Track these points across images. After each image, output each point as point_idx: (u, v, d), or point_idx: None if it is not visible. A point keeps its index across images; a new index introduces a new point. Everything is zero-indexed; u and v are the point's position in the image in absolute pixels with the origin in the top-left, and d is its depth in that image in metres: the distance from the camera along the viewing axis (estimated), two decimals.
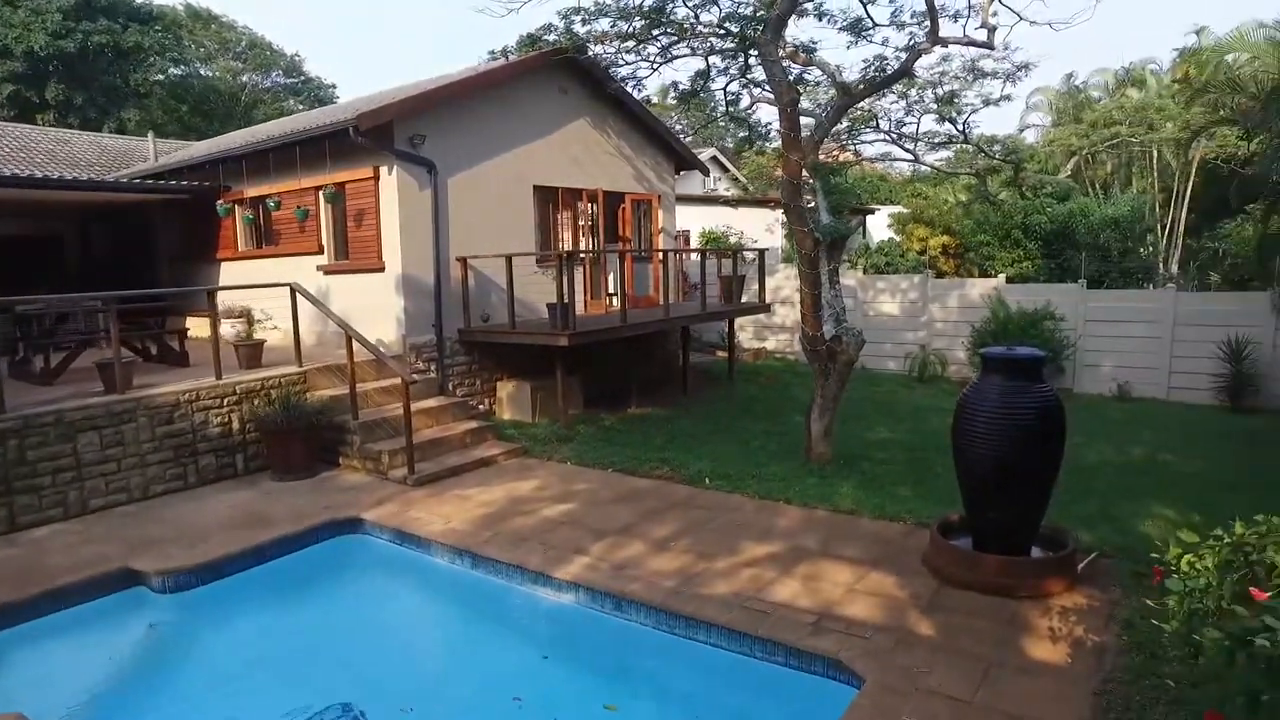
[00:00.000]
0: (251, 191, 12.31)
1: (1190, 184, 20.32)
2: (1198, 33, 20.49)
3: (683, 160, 15.28)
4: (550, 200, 12.77)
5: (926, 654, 4.56)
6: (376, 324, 10.85)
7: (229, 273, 12.97)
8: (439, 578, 6.63)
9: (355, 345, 9.03)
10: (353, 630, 5.96)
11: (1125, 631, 4.76)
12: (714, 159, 25.44)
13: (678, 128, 28.25)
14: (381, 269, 10.87)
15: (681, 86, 13.83)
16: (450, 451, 9.26)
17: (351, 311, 11.03)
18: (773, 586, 5.47)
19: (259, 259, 12.57)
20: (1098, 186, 21.96)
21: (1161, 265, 18.33)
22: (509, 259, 10.71)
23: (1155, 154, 21.24)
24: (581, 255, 13.07)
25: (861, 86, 10.72)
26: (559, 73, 12.57)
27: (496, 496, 7.78)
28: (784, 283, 17.63)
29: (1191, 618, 2.38)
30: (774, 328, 18.08)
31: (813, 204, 10.19)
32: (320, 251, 11.71)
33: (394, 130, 10.40)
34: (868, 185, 26.58)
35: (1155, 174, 21.61)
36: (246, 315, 10.08)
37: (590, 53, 12.42)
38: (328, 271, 11.61)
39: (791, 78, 13.19)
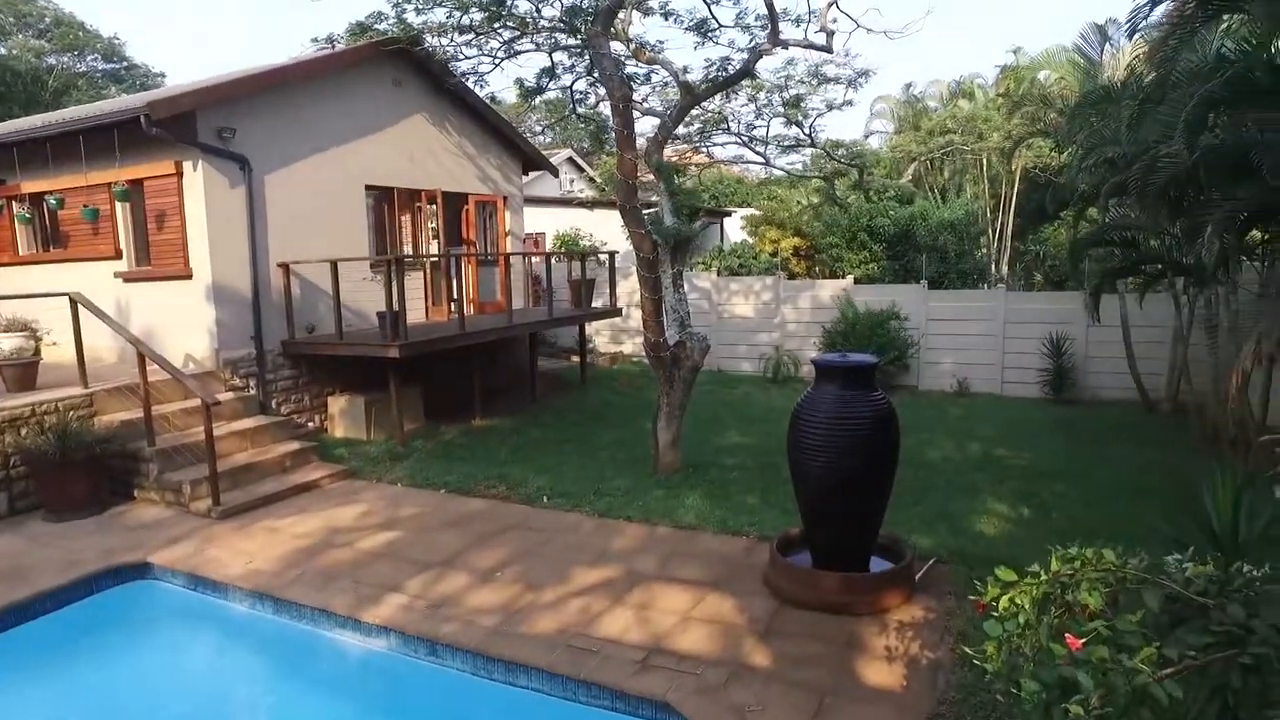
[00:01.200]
0: (29, 187, 10.80)
1: (1015, 191, 21.62)
2: (1014, 52, 21.87)
3: (531, 160, 14.74)
4: (386, 201, 11.93)
5: (760, 688, 4.26)
6: (186, 337, 9.74)
7: (7, 279, 11.35)
8: (236, 627, 5.82)
9: (151, 362, 7.97)
10: (131, 698, 5.10)
11: (960, 643, 4.63)
12: (570, 160, 25.00)
13: (537, 129, 27.78)
14: (189, 276, 9.73)
15: (527, 84, 13.33)
16: (266, 478, 8.34)
17: (157, 324, 9.88)
18: (603, 619, 5.05)
19: (45, 264, 11.06)
20: (936, 191, 23.03)
21: (993, 267, 19.34)
22: (334, 264, 9.86)
23: (985, 162, 22.48)
24: (418, 260, 12.28)
25: (705, 86, 10.53)
26: (392, 65, 11.76)
27: (313, 527, 6.99)
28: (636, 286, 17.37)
29: (1012, 661, 2.10)
30: (631, 331, 17.80)
31: (658, 205, 9.92)
32: (118, 256, 10.39)
33: (197, 121, 9.32)
34: (724, 188, 26.87)
35: (986, 181, 22.87)
36: (29, 329, 8.76)
37: (426, 45, 11.69)
38: (128, 279, 10.33)
39: (638, 77, 12.97)
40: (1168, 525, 6.96)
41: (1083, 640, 1.97)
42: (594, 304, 14.86)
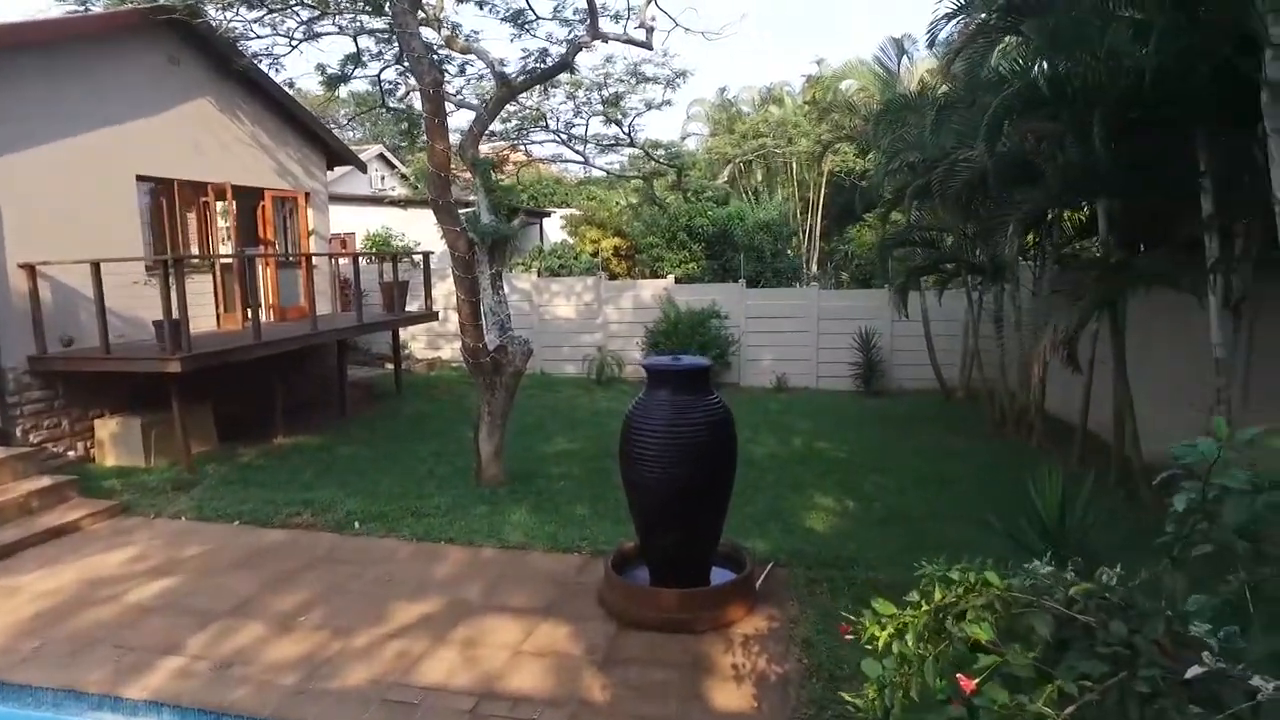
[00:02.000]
0: None
1: (822, 194, 22.75)
2: (819, 63, 23.12)
3: (336, 155, 13.61)
4: (165, 194, 10.51)
5: None
6: None
7: None
8: None
9: None
10: None
11: (806, 653, 4.50)
12: (381, 157, 23.62)
13: (344, 123, 26.03)
14: None
15: (331, 70, 12.29)
16: (4, 524, 6.98)
17: None
18: (425, 662, 4.49)
19: None
20: (750, 193, 23.79)
21: (805, 266, 20.20)
22: (95, 266, 8.51)
23: (794, 165, 23.51)
24: (204, 261, 10.95)
25: (522, 79, 10.07)
26: (167, 39, 10.37)
27: (64, 581, 5.85)
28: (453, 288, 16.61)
29: (893, 711, 1.84)
30: (449, 336, 16.96)
31: (475, 203, 9.35)
32: None
33: None
34: (543, 188, 26.44)
35: (795, 184, 23.92)
36: None
37: (208, 19, 10.41)
38: None
39: (451, 66, 12.27)
40: (985, 511, 7.37)
41: (975, 680, 1.74)
42: (409, 308, 13.97)
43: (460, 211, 9.36)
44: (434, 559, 6.10)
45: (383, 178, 22.95)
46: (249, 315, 11.22)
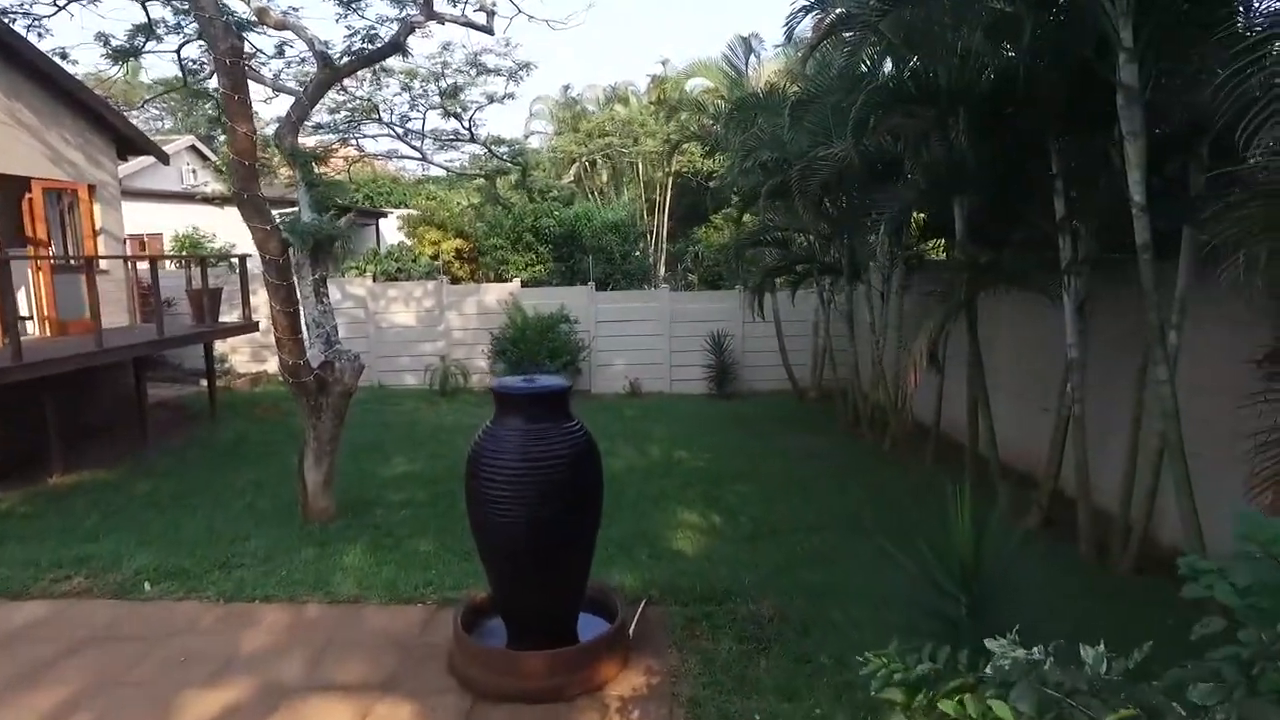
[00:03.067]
0: None
1: (669, 194, 22.61)
2: (663, 63, 22.97)
3: (130, 142, 11.84)
4: None
5: None
6: None
7: None
8: None
9: None
10: None
11: (692, 714, 3.93)
12: (193, 149, 21.24)
13: (140, 104, 23.32)
14: None
15: (116, 42, 10.59)
16: None
17: None
18: None
19: None
20: (596, 194, 23.31)
21: (654, 268, 19.94)
22: None
23: (641, 166, 23.24)
24: None
25: (347, 61, 8.99)
26: None
27: None
28: None
29: None
30: (273, 347, 15.37)
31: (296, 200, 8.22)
32: None
33: None
34: (379, 187, 24.83)
35: (642, 185, 23.66)
36: None
37: None
38: None
39: (269, 47, 10.89)
40: (850, 517, 7.16)
41: None
42: (229, 318, 12.42)
43: (282, 212, 8.26)
44: (246, 624, 5.07)
45: (194, 172, 20.63)
46: (23, 329, 9.51)
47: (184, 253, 15.65)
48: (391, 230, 21.57)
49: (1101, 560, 6.52)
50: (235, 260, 12.28)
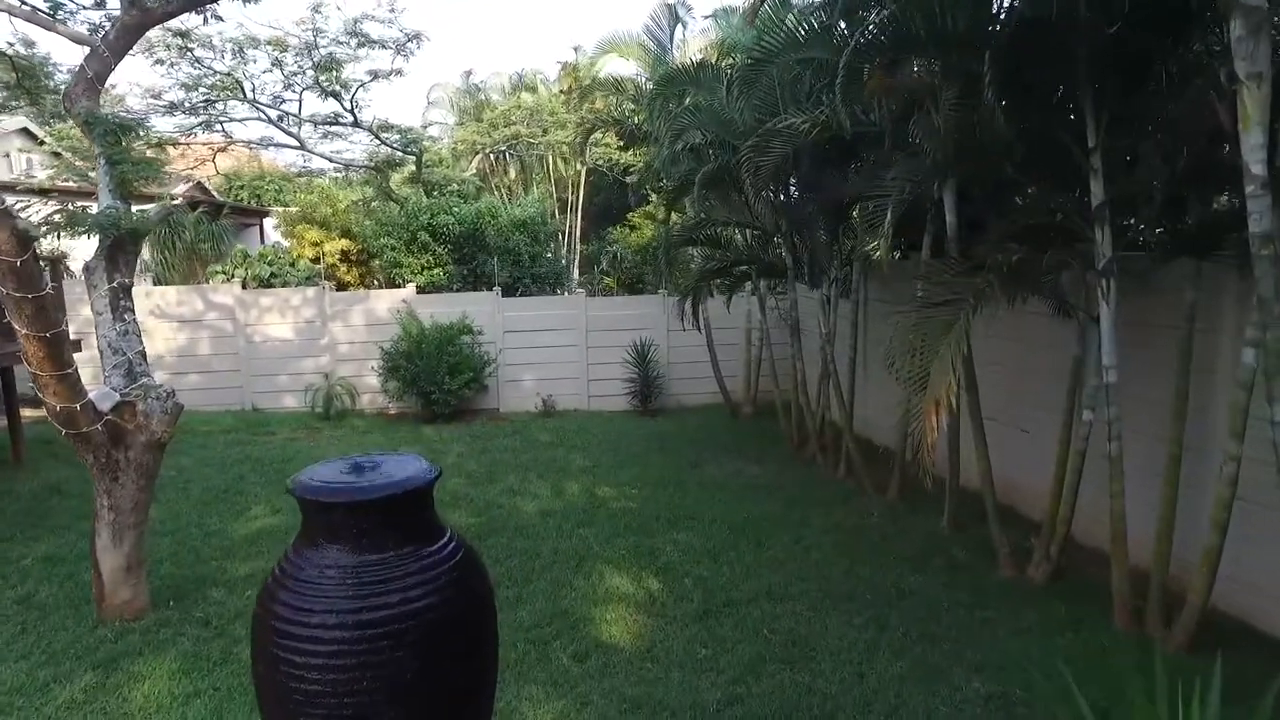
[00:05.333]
0: None
1: (582, 191, 20.94)
2: (575, 49, 21.27)
3: None
4: None
5: None
6: None
7: None
8: None
9: None
10: None
11: None
12: (26, 131, 18.33)
13: None
14: None
15: None
16: None
17: None
18: None
19: None
20: (504, 191, 21.46)
21: (568, 271, 18.24)
22: None
23: (550, 160, 21.50)
24: None
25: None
26: None
27: None
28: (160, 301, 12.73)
29: None
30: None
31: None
32: None
33: None
34: (268, 185, 22.33)
35: (552, 181, 21.92)
36: None
37: None
38: None
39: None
40: (819, 575, 5.63)
41: None
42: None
43: (84, 204, 6.22)
44: None
45: (28, 159, 17.78)
46: None
47: None
48: (277, 232, 19.23)
49: (1139, 627, 5.20)
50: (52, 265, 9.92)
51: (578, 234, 21.25)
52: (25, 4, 8.34)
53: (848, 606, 5.76)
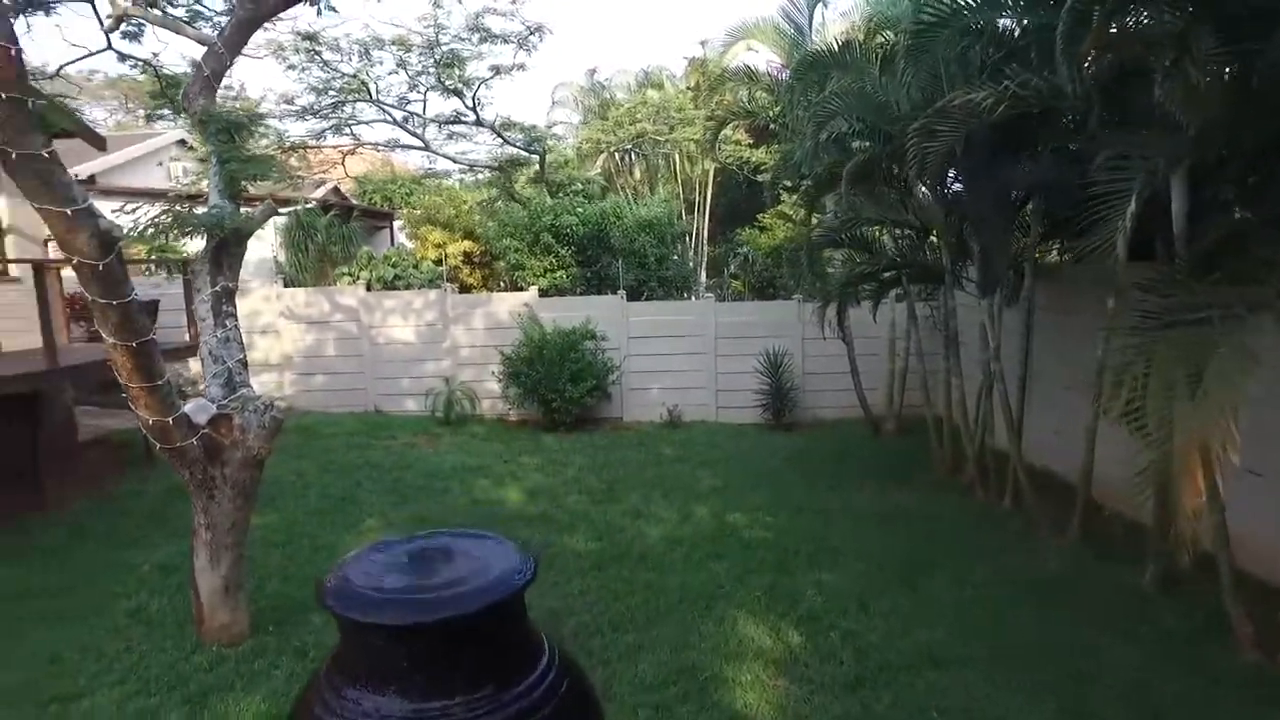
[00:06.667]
0: None
1: (710, 190, 20.14)
2: (703, 44, 20.49)
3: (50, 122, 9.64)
4: None
5: None
6: None
7: None
8: None
9: None
10: None
11: None
12: (183, 143, 19.29)
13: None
14: None
15: None
16: None
17: None
18: None
19: None
20: (629, 192, 20.96)
21: (695, 273, 17.50)
22: None
23: (677, 159, 20.82)
24: None
25: None
26: None
27: None
28: (263, 306, 12.90)
29: None
30: (256, 365, 13.14)
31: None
32: None
33: None
34: (399, 187, 22.71)
35: (679, 181, 21.23)
36: None
37: None
38: None
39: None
40: (1003, 641, 4.53)
41: None
42: (165, 337, 10.19)
43: (196, 207, 5.95)
44: None
45: (184, 169, 18.68)
46: None
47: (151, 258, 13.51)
48: (402, 234, 19.44)
49: None
50: (195, 266, 10.04)
51: (705, 235, 20.48)
52: (160, 11, 8.42)
53: (1030, 680, 4.73)
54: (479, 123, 11.83)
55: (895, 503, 8.36)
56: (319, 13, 7.56)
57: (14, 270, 8.79)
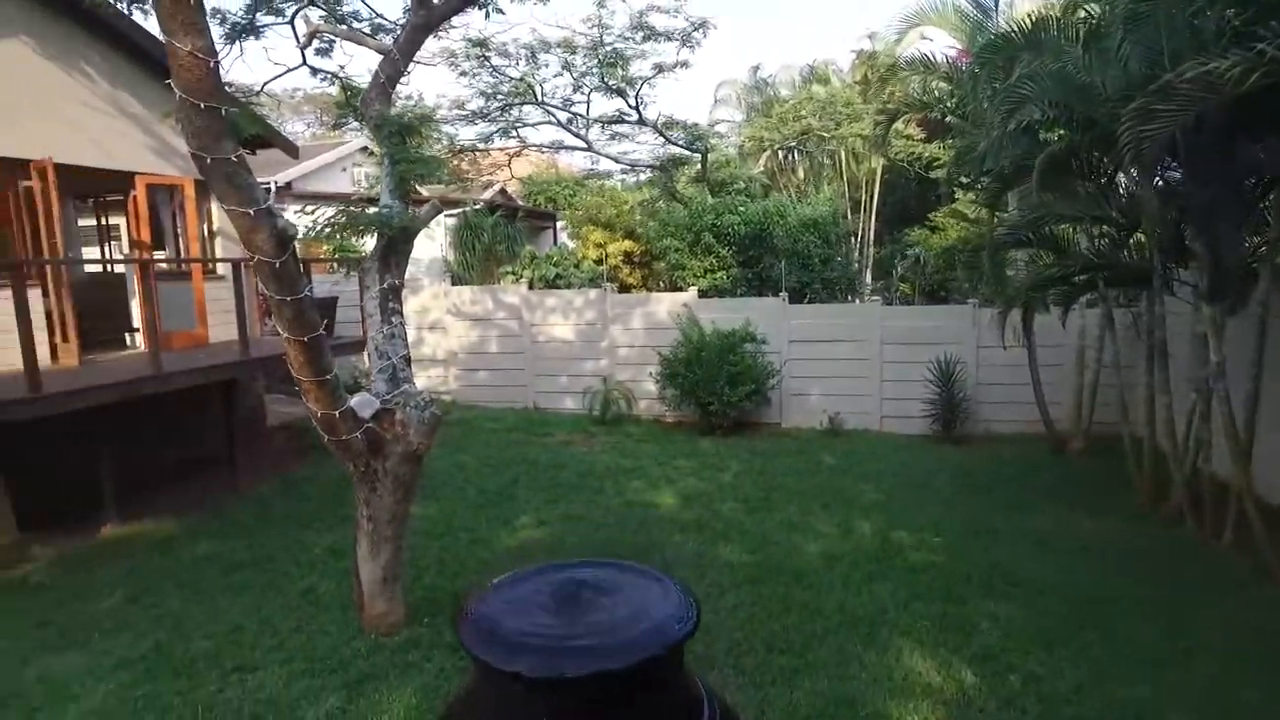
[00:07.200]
0: None
1: (878, 189, 19.26)
2: (870, 36, 19.59)
3: (254, 135, 10.43)
4: None
5: None
6: None
7: None
8: None
9: None
10: None
11: None
12: (365, 150, 20.62)
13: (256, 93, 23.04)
14: None
15: (233, 17, 9.18)
16: None
17: None
18: None
19: None
20: (792, 190, 20.42)
21: (860, 276, 16.76)
22: None
23: (843, 157, 20.07)
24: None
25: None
26: None
27: None
28: (431, 303, 13.50)
29: None
30: (423, 360, 13.81)
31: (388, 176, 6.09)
32: None
33: None
34: (563, 188, 23.25)
35: (844, 179, 20.46)
36: None
37: None
38: None
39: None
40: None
41: None
42: (343, 331, 10.83)
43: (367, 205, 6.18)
44: None
45: (365, 174, 19.95)
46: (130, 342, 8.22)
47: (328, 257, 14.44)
48: (564, 234, 19.87)
49: None
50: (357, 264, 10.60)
51: (870, 236, 19.62)
52: (346, 25, 8.90)
53: None
54: (641, 122, 11.80)
55: (1084, 531, 7.52)
56: (487, 15, 7.68)
57: (220, 269, 9.55)
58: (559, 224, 20.31)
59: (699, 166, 14.58)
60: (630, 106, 11.53)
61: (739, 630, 5.38)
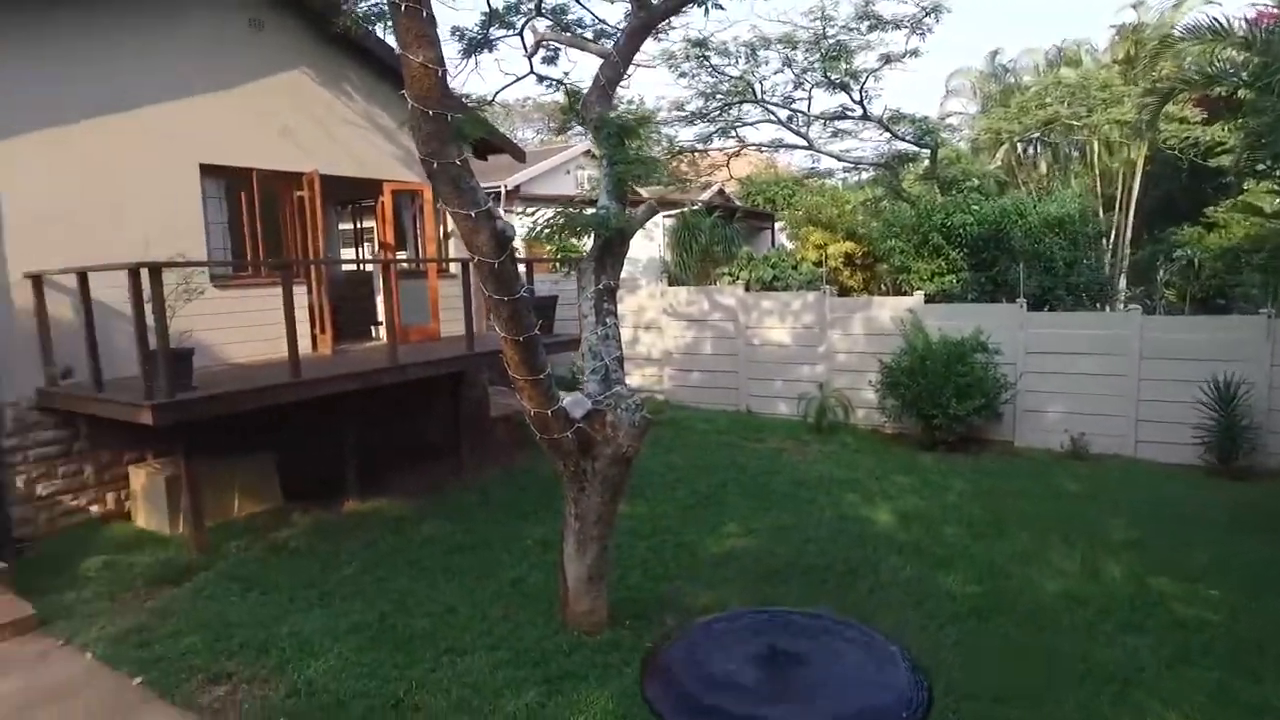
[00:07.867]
0: None
1: (1138, 181, 17.09)
2: (1135, 7, 17.39)
3: (483, 141, 11.09)
4: (242, 188, 8.46)
5: None
6: None
7: None
8: None
9: None
10: None
11: None
12: (589, 153, 21.45)
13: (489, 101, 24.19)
14: None
15: (470, 34, 9.80)
16: None
17: None
18: None
19: None
20: (1032, 187, 18.66)
21: (1113, 281, 14.92)
22: (134, 274, 6.25)
23: (1094, 149, 18.03)
24: (292, 267, 8.80)
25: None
26: None
27: None
28: (648, 303, 13.69)
29: None
30: (638, 359, 14.06)
31: (600, 178, 6.16)
32: None
33: None
34: (781, 189, 22.91)
35: (1095, 173, 18.37)
36: None
37: None
38: None
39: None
40: None
41: None
42: (562, 329, 11.22)
43: (585, 207, 6.24)
44: None
45: (588, 177, 20.73)
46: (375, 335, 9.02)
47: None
48: (783, 235, 19.48)
49: None
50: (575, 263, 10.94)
51: (1127, 236, 17.46)
52: (570, 33, 9.20)
53: None
54: (865, 117, 11.21)
55: None
56: (706, 12, 7.55)
57: (453, 268, 10.22)
58: (777, 225, 19.96)
59: (927, 163, 13.64)
60: (854, 101, 10.98)
61: (959, 671, 4.85)
